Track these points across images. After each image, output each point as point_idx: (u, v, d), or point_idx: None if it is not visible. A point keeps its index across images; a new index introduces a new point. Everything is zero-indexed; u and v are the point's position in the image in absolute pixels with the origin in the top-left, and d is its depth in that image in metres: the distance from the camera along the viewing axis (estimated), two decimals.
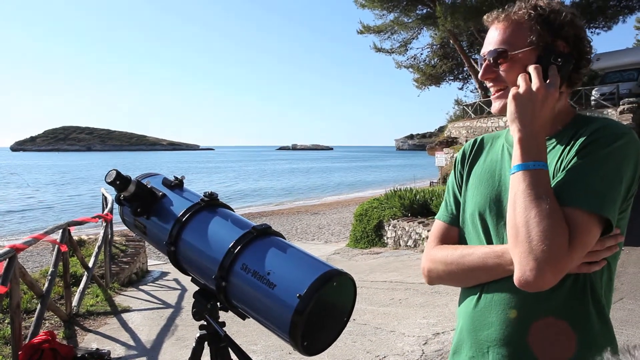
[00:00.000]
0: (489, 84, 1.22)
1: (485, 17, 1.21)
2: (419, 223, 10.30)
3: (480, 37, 26.61)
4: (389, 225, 11.19)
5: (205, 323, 1.36)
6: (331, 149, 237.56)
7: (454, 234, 1.27)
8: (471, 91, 33.22)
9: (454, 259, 1.18)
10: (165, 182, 1.42)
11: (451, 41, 27.03)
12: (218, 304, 1.32)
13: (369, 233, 11.66)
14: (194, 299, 1.35)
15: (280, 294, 1.07)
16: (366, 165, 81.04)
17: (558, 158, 1.09)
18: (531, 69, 1.08)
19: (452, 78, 31.86)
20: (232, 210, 1.37)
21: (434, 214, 10.61)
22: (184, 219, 1.29)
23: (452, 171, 1.37)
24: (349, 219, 16.77)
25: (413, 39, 28.26)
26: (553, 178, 1.06)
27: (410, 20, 26.35)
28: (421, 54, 30.55)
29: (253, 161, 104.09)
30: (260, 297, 1.11)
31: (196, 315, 1.34)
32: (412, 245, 10.30)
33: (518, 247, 0.98)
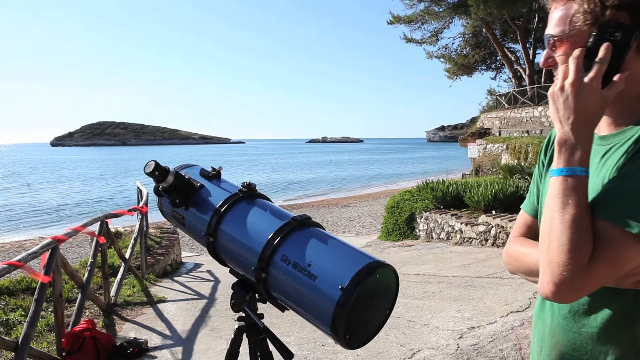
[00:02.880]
0: (554, 72, 1.07)
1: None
2: (452, 215, 10.14)
3: (514, 25, 25.96)
4: (421, 217, 11.06)
5: (243, 314, 1.35)
6: (361, 141, 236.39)
7: (535, 226, 1.20)
8: (504, 81, 32.52)
9: (519, 255, 1.14)
10: (203, 173, 1.41)
11: (484, 30, 26.43)
12: (257, 295, 1.31)
13: (401, 225, 11.55)
14: (232, 291, 1.34)
15: (322, 286, 1.05)
16: (397, 158, 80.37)
17: (617, 161, 0.96)
18: (572, 56, 0.94)
19: (485, 68, 31.25)
20: (270, 201, 1.35)
21: (467, 206, 10.47)
22: (223, 209, 1.28)
23: (537, 159, 1.30)
24: (380, 211, 16.68)
25: (444, 28, 27.83)
26: (607, 181, 0.95)
27: (441, 10, 25.88)
28: (452, 43, 30.11)
29: (284, 154, 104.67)
30: (301, 289, 1.09)
31: (235, 307, 1.34)
32: (445, 238, 10.16)
33: (541, 256, 0.92)
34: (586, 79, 0.92)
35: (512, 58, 27.90)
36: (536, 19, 25.72)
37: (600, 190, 0.94)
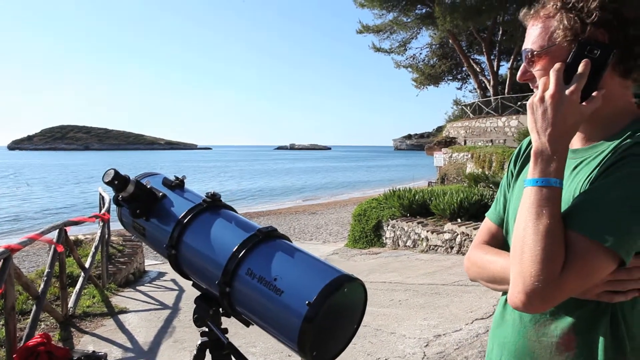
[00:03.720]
0: (531, 85, 1.10)
1: (520, 14, 1.09)
2: (418, 223, 10.26)
3: (479, 37, 26.65)
4: (388, 225, 11.15)
5: (207, 330, 1.30)
6: (329, 148, 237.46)
7: (500, 235, 1.21)
8: (470, 91, 33.30)
9: (482, 263, 1.14)
10: (166, 182, 1.36)
11: (450, 41, 27.03)
12: (221, 309, 1.27)
13: (368, 233, 11.61)
14: (195, 305, 1.29)
15: (288, 301, 1.01)
16: (364, 165, 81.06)
17: (589, 174, 0.97)
18: (552, 70, 0.96)
19: (451, 78, 31.93)
20: (235, 211, 1.31)
21: (433, 214, 10.61)
22: (186, 220, 1.23)
23: (507, 168, 1.30)
24: (347, 218, 16.73)
25: (412, 38, 28.32)
26: (577, 194, 0.96)
27: (409, 20, 26.37)
28: (420, 53, 30.64)
29: (251, 161, 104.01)
30: (266, 304, 1.05)
31: (197, 322, 1.29)
32: (411, 246, 10.26)
33: (512, 266, 0.92)
34: (567, 92, 0.93)
35: (478, 69, 28.61)
36: (500, 32, 26.46)
37: (572, 202, 0.95)
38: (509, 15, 24.43)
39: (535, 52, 1.02)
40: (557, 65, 0.96)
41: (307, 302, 0.98)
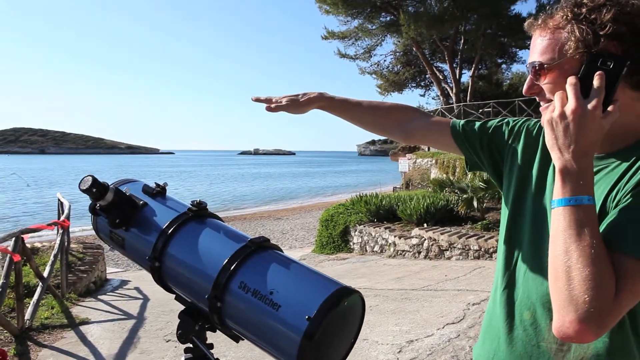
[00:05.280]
0: (538, 99, 1.06)
1: (525, 25, 1.05)
2: (386, 228, 10.33)
3: (442, 46, 27.22)
4: (355, 230, 11.18)
5: (191, 346, 1.23)
6: (294, 154, 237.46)
7: (439, 126, 1.36)
8: (433, 98, 33.94)
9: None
10: (146, 190, 1.28)
11: (414, 49, 27.49)
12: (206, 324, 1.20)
13: (335, 239, 11.62)
14: (179, 319, 1.21)
15: (287, 316, 0.95)
16: (329, 170, 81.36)
17: (613, 185, 0.95)
18: (568, 84, 0.92)
19: (415, 85, 32.45)
20: (222, 220, 1.24)
21: (400, 219, 10.70)
22: (170, 230, 1.16)
23: (501, 122, 1.29)
24: (313, 224, 16.70)
25: (377, 45, 28.65)
26: (603, 209, 0.94)
27: (374, 27, 26.68)
28: (384, 60, 30.98)
29: (215, 166, 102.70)
30: (262, 319, 0.99)
31: (182, 338, 1.20)
32: (379, 251, 10.31)
33: (557, 293, 0.86)
34: (589, 107, 0.90)
35: (440, 77, 29.20)
36: (462, 41, 27.11)
37: (610, 221, 0.92)
38: (470, 25, 25.10)
39: (545, 65, 0.99)
40: (572, 79, 0.92)
41: (307, 317, 0.93)
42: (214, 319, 1.09)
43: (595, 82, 0.91)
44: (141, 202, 1.24)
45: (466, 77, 29.34)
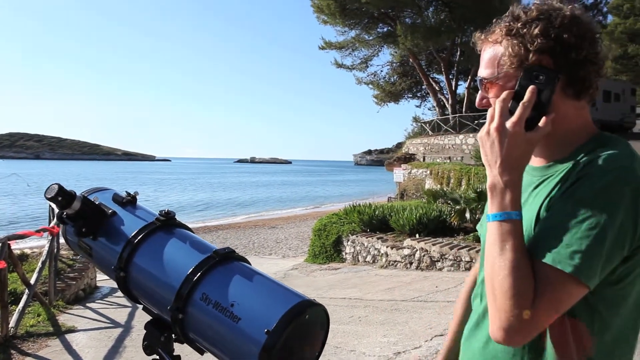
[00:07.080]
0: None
1: (473, 39, 1.08)
2: (378, 239, 10.31)
3: (438, 57, 27.40)
4: (348, 240, 11.15)
5: (157, 357, 1.21)
6: (290, 162, 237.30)
7: None
8: (429, 109, 34.13)
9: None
10: (116, 199, 1.26)
11: (410, 60, 27.68)
12: (173, 335, 1.18)
13: (328, 248, 11.58)
14: (145, 330, 1.20)
15: (246, 329, 0.94)
16: (324, 180, 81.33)
17: (548, 194, 0.97)
18: (497, 100, 0.95)
19: (411, 95, 32.66)
20: (191, 230, 1.24)
21: (393, 229, 10.67)
22: (136, 240, 1.15)
23: None
24: (307, 233, 16.65)
25: (374, 56, 28.89)
26: (538, 218, 0.95)
27: (371, 38, 26.88)
28: (381, 71, 31.22)
29: (211, 173, 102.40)
30: (222, 332, 0.98)
31: (147, 349, 1.19)
32: (371, 261, 10.28)
33: (489, 304, 0.91)
34: (508, 124, 0.92)
35: (436, 88, 29.40)
36: (458, 53, 27.33)
37: (536, 230, 0.94)
38: (466, 36, 25.30)
39: (486, 80, 1.02)
40: (503, 95, 0.95)
41: (266, 330, 0.92)
42: (177, 331, 1.08)
43: (525, 97, 0.92)
44: (110, 211, 1.23)
45: (462, 88, 29.60)
